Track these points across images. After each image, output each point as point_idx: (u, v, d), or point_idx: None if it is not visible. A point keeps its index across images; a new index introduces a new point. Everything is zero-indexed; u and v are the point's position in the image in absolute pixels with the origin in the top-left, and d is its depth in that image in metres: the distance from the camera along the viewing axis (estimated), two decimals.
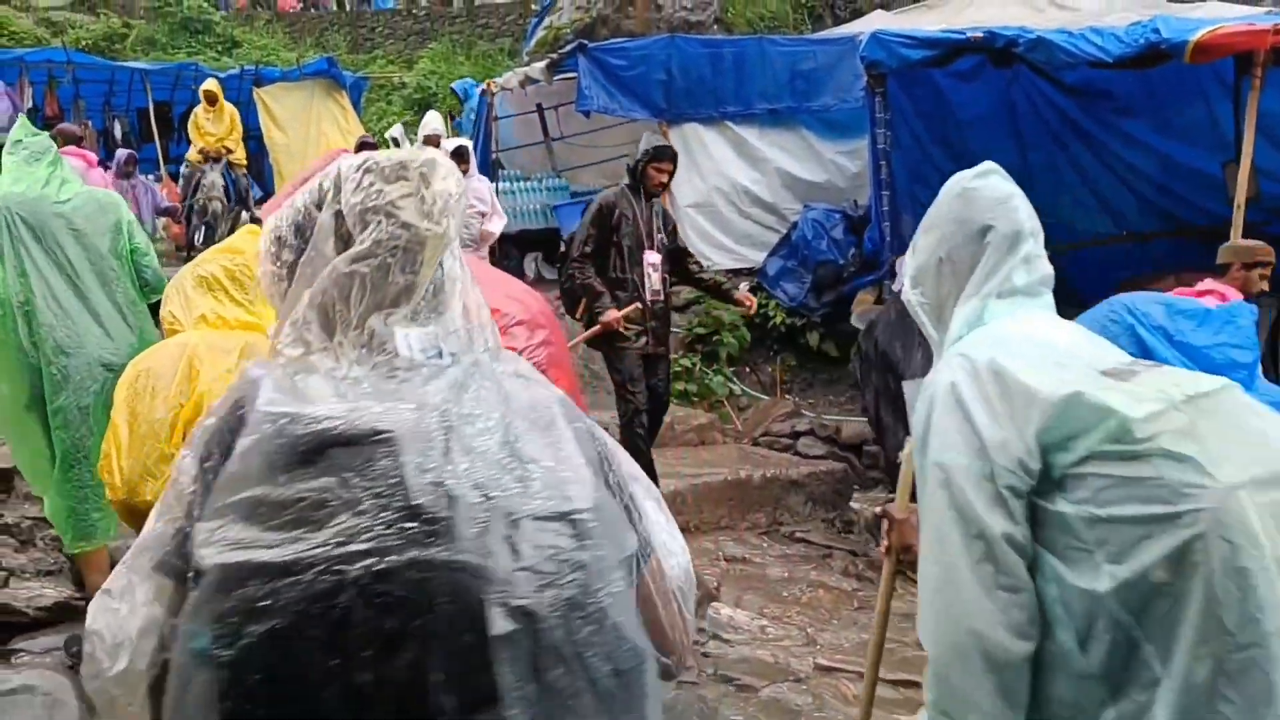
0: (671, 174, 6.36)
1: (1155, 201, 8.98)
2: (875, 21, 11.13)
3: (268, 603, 1.20)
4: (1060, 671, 1.84)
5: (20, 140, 4.48)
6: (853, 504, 7.14)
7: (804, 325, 9.61)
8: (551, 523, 1.29)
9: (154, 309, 4.32)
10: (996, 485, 1.82)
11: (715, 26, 14.01)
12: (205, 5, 22.98)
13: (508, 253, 12.50)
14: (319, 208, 1.48)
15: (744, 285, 7.96)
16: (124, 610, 1.35)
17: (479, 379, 1.39)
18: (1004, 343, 2.00)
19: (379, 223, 1.41)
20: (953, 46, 8.09)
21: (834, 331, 9.66)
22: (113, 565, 1.58)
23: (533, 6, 19.86)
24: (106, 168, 16.60)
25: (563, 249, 7.28)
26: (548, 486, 1.31)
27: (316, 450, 1.27)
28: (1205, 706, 1.72)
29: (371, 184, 1.44)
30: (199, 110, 13.42)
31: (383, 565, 1.21)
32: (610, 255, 6.11)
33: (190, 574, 1.28)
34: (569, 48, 11.57)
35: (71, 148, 6.44)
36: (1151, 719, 1.74)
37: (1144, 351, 2.67)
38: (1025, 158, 9.26)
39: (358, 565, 1.20)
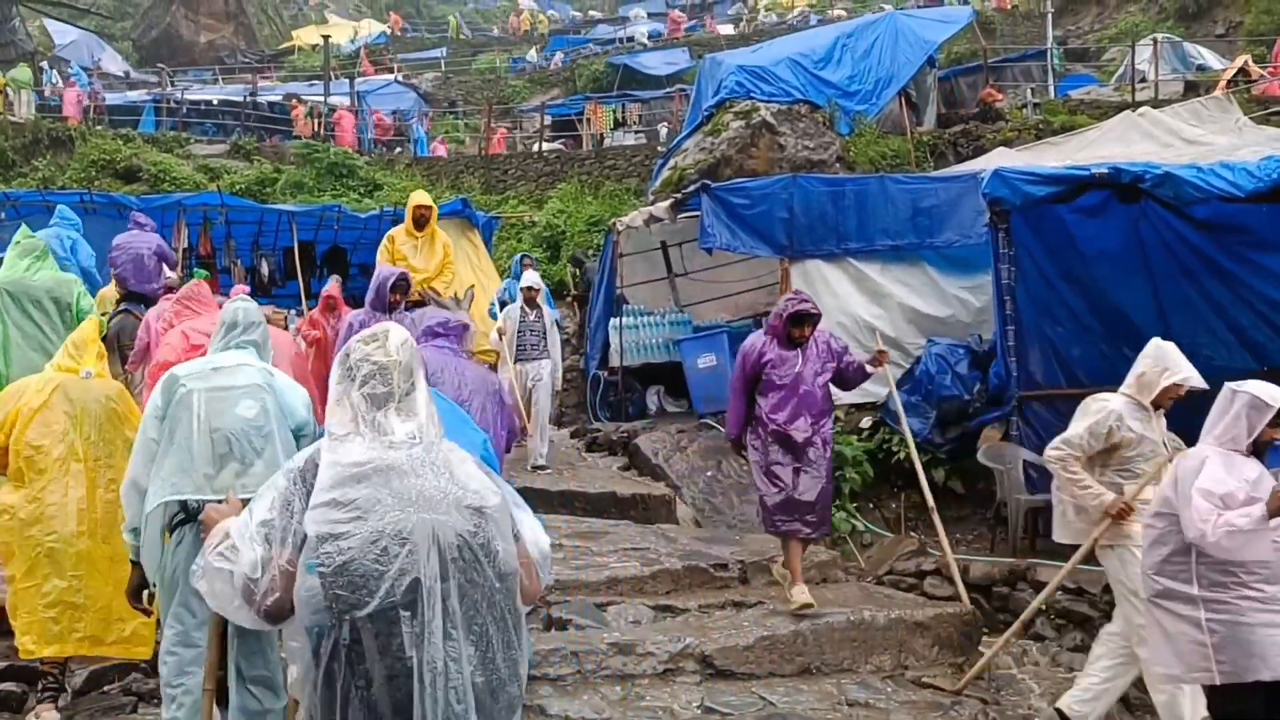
0: None
1: None
2: (997, 158, 11.19)
3: (350, 549, 2.53)
4: None
5: (19, 242, 6.80)
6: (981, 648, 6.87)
7: (929, 461, 9.45)
8: (473, 509, 2.66)
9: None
10: None
11: (837, 165, 14.22)
12: (350, 151, 24.33)
13: (630, 385, 12.66)
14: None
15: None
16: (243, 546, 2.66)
17: (435, 449, 2.74)
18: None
19: (362, 365, 2.78)
20: (1077, 183, 8.08)
21: (959, 468, 9.47)
22: None
23: (658, 148, 20.46)
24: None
25: None
26: (472, 492, 2.68)
27: (365, 476, 2.61)
28: None
29: (360, 349, 2.81)
30: (399, 235, 9.65)
31: (406, 523, 2.56)
32: None
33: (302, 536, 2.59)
34: (693, 187, 11.87)
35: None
36: None
37: None
38: (1156, 292, 9.10)
39: (389, 523, 2.55)
